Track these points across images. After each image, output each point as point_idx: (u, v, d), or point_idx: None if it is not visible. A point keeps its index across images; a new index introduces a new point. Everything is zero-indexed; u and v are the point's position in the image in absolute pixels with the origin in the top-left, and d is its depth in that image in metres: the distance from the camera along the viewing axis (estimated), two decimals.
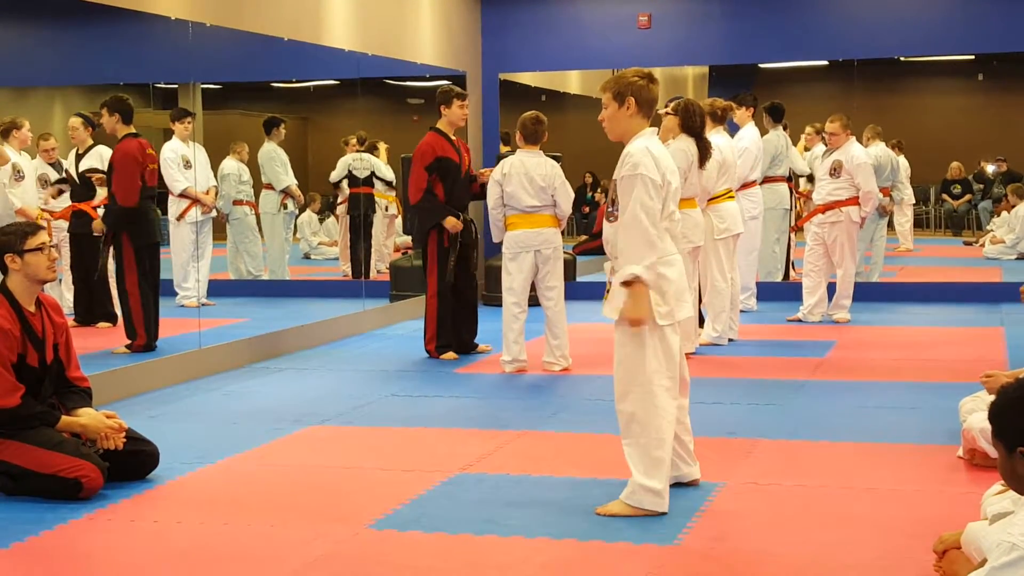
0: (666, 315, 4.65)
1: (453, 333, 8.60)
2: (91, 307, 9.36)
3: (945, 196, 16.88)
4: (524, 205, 7.86)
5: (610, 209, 4.78)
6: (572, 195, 8.05)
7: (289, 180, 12.14)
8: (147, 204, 8.49)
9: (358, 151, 12.59)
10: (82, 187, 9.43)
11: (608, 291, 4.74)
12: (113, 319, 9.21)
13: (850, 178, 9.82)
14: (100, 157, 9.11)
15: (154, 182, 8.59)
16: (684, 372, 4.93)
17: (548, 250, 7.93)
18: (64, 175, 9.71)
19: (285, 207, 12.30)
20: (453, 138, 8.49)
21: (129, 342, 8.32)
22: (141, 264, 8.33)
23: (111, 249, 8.41)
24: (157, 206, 10.76)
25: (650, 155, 4.63)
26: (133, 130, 8.44)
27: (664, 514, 4.62)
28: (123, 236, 8.34)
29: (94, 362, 7.31)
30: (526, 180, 7.85)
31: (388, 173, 13.02)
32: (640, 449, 4.64)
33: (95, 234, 8.84)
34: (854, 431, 6.10)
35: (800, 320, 10.04)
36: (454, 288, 8.46)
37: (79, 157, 9.52)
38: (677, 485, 4.94)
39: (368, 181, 12.70)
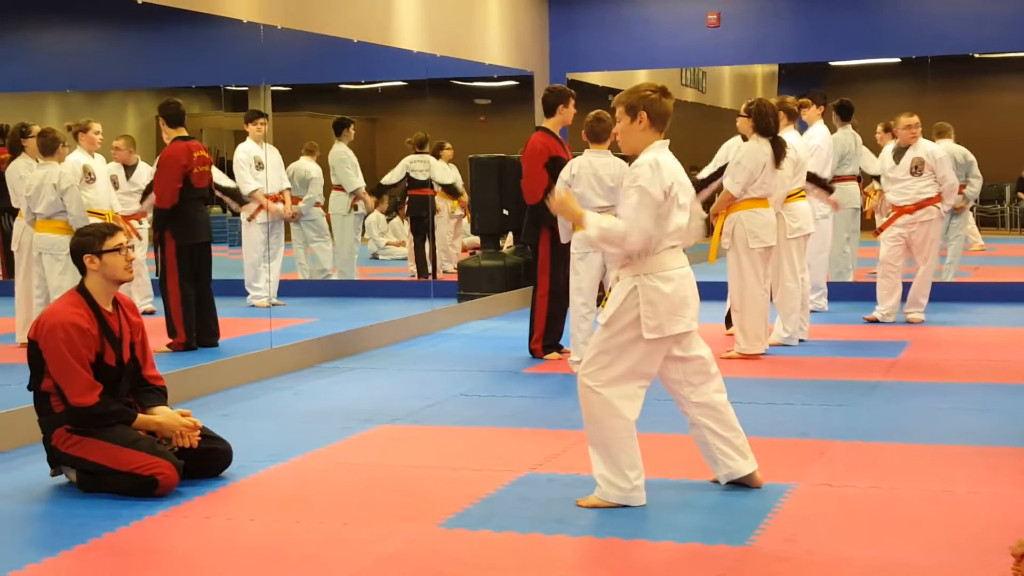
0: (654, 328, 4.69)
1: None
2: None
3: (1020, 195, 16.59)
4: (593, 206, 7.80)
5: None
6: None
7: (359, 183, 12.20)
8: (192, 205, 8.56)
9: (417, 152, 12.62)
10: None
11: (605, 299, 4.85)
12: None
13: (932, 174, 9.67)
14: None
15: (203, 183, 8.66)
16: (712, 368, 4.96)
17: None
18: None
19: (355, 208, 12.38)
20: (559, 137, 8.43)
21: (170, 340, 8.46)
22: (182, 264, 8.47)
23: (158, 249, 8.59)
24: (226, 207, 10.91)
25: (658, 168, 4.67)
26: (184, 132, 8.56)
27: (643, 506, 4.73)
28: (166, 236, 8.49)
29: (166, 361, 7.42)
30: (595, 180, 7.81)
31: (446, 176, 13.05)
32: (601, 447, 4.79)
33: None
34: (928, 432, 6.02)
35: (878, 320, 9.90)
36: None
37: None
38: (736, 484, 4.96)
39: (428, 183, 12.76)
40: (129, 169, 10.02)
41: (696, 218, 4.94)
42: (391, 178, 12.86)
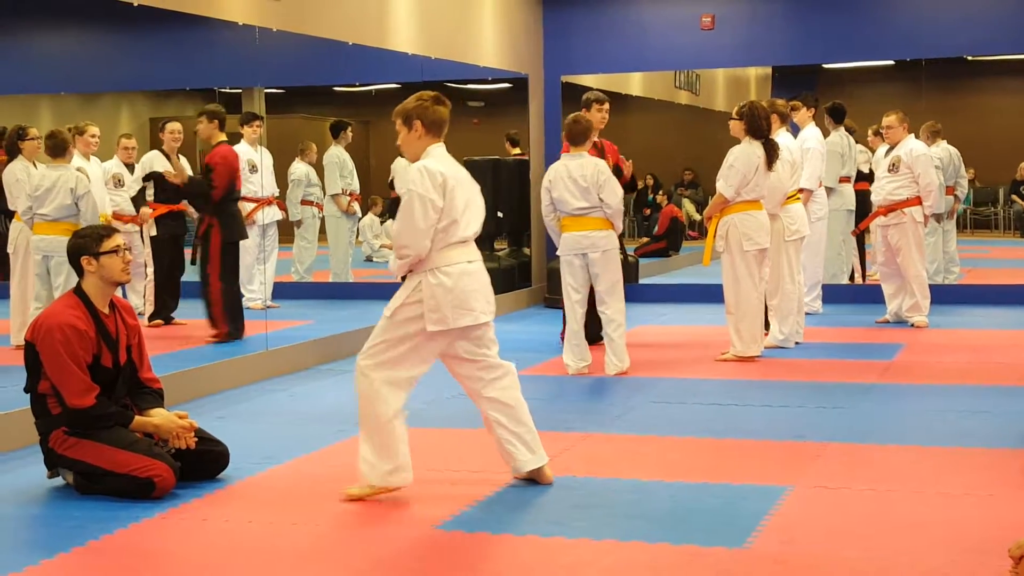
0: (438, 321, 4.89)
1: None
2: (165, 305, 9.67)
3: (1015, 197, 16.64)
4: (571, 208, 7.82)
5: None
6: (620, 192, 7.93)
7: (336, 188, 12.08)
8: (234, 205, 9.11)
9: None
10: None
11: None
12: (167, 319, 9.58)
13: (909, 173, 9.62)
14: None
15: (240, 185, 9.26)
16: (503, 365, 5.10)
17: (595, 253, 7.84)
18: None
19: (351, 210, 12.33)
20: (596, 140, 8.39)
21: (214, 332, 8.86)
22: (224, 259, 8.90)
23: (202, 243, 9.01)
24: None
25: (426, 173, 4.90)
26: (225, 137, 9.12)
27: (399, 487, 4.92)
28: (214, 232, 8.88)
29: (162, 364, 7.40)
30: (569, 182, 7.81)
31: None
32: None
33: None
34: (924, 435, 6.03)
35: (889, 321, 9.92)
36: None
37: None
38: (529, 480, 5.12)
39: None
40: (130, 168, 9.98)
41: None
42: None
